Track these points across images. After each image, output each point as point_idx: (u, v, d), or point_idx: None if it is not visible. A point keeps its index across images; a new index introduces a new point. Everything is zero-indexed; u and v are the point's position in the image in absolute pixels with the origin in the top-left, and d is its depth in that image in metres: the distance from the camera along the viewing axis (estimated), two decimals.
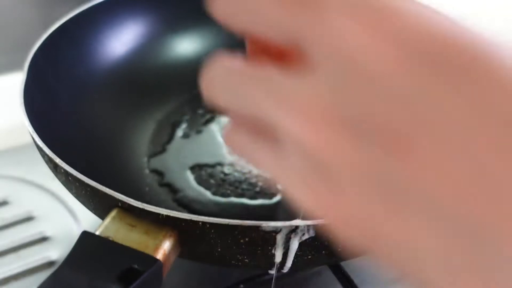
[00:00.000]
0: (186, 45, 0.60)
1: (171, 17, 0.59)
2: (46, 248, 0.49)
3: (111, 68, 0.54)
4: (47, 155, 0.34)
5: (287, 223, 0.27)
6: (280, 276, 0.44)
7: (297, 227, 0.27)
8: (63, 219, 0.51)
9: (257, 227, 0.27)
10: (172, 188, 0.48)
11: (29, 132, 0.36)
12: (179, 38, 0.60)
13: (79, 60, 0.51)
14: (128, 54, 0.56)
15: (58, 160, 0.33)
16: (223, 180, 0.49)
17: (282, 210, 0.46)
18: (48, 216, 0.52)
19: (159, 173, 0.49)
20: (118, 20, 0.55)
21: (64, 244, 0.50)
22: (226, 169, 0.50)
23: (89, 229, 0.30)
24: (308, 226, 0.27)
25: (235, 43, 0.66)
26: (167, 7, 0.59)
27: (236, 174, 0.50)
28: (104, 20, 0.54)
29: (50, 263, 0.48)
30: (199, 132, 0.55)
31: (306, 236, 0.28)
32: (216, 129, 0.55)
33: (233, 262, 0.31)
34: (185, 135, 0.54)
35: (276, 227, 0.27)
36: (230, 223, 0.27)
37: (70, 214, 0.52)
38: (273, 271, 0.32)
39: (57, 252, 0.48)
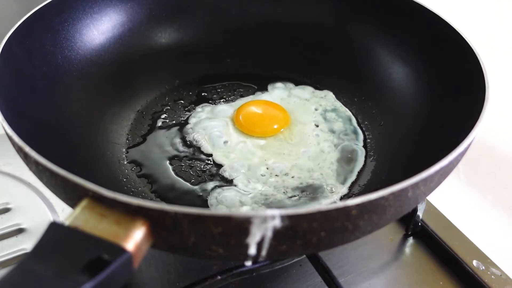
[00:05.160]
0: (167, 34, 0.59)
1: (152, 5, 0.58)
2: (21, 240, 0.48)
3: (90, 57, 0.52)
4: (17, 144, 0.33)
5: (260, 212, 0.27)
6: (260, 267, 0.44)
7: (270, 216, 0.27)
8: (40, 211, 0.50)
9: (229, 217, 0.27)
10: (150, 179, 0.47)
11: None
12: (161, 27, 0.59)
13: (56, 48, 0.49)
14: (107, 43, 0.54)
15: (27, 149, 0.32)
16: (203, 171, 0.48)
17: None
18: (24, 208, 0.51)
19: (137, 163, 0.49)
20: (97, 8, 0.54)
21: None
22: (206, 160, 0.50)
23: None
24: (282, 215, 0.27)
25: (217, 32, 0.66)
26: None
27: (215, 165, 0.49)
28: (82, 7, 0.53)
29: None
30: (179, 123, 0.54)
31: (279, 226, 0.27)
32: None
33: (207, 252, 0.30)
34: (165, 126, 0.53)
35: (249, 217, 0.27)
36: (202, 213, 0.27)
37: (47, 206, 0.51)
38: (249, 263, 0.32)
39: (33, 244, 0.47)
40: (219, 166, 0.49)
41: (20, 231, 0.49)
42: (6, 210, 0.51)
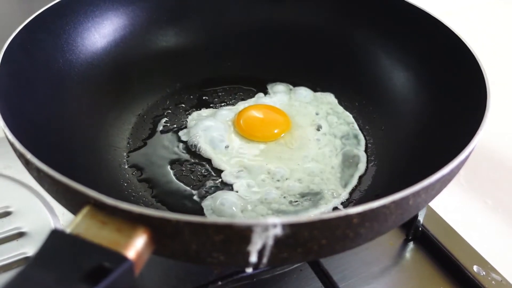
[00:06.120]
0: (168, 38, 0.59)
1: (154, 8, 0.58)
2: (22, 244, 0.48)
3: (91, 61, 0.52)
4: (18, 150, 0.33)
5: (261, 220, 0.27)
6: (260, 272, 0.44)
7: (271, 224, 0.27)
8: (41, 215, 0.50)
9: (230, 225, 0.27)
10: (151, 184, 0.47)
11: (1, 126, 0.35)
12: (162, 30, 0.59)
13: (57, 51, 0.49)
14: (108, 46, 0.54)
15: (29, 156, 0.32)
16: (203, 176, 0.48)
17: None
18: (25, 212, 0.51)
19: (138, 168, 0.49)
20: (98, 11, 0.54)
21: (40, 240, 0.49)
22: (207, 165, 0.50)
23: (67, 225, 0.29)
24: (283, 223, 0.27)
25: (218, 35, 0.66)
26: None
27: (216, 170, 0.49)
28: (84, 11, 0.53)
29: (26, 259, 0.47)
30: (180, 127, 0.54)
31: (281, 234, 0.27)
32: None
33: (208, 259, 0.30)
34: (166, 130, 0.53)
35: (250, 225, 0.27)
36: (203, 221, 0.27)
37: (47, 210, 0.51)
38: (249, 269, 0.32)
39: (33, 248, 0.47)
40: (220, 171, 0.49)
41: (20, 234, 0.49)
42: (7, 213, 0.51)
